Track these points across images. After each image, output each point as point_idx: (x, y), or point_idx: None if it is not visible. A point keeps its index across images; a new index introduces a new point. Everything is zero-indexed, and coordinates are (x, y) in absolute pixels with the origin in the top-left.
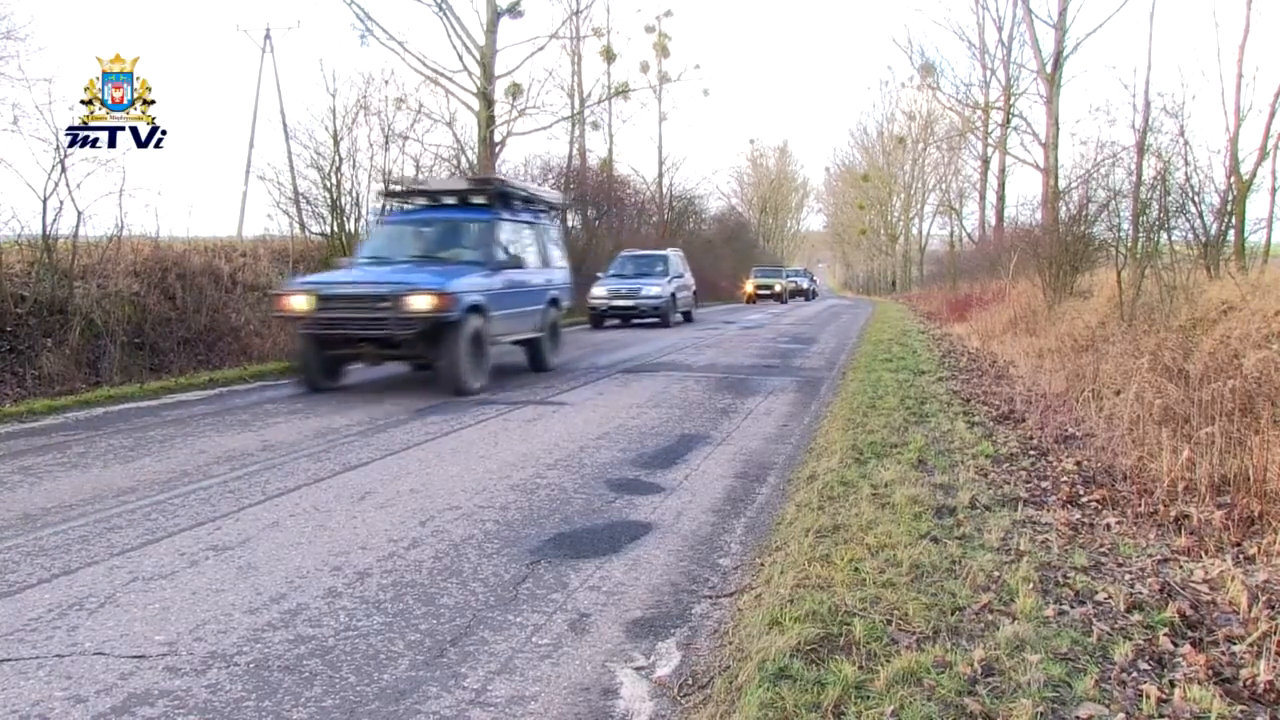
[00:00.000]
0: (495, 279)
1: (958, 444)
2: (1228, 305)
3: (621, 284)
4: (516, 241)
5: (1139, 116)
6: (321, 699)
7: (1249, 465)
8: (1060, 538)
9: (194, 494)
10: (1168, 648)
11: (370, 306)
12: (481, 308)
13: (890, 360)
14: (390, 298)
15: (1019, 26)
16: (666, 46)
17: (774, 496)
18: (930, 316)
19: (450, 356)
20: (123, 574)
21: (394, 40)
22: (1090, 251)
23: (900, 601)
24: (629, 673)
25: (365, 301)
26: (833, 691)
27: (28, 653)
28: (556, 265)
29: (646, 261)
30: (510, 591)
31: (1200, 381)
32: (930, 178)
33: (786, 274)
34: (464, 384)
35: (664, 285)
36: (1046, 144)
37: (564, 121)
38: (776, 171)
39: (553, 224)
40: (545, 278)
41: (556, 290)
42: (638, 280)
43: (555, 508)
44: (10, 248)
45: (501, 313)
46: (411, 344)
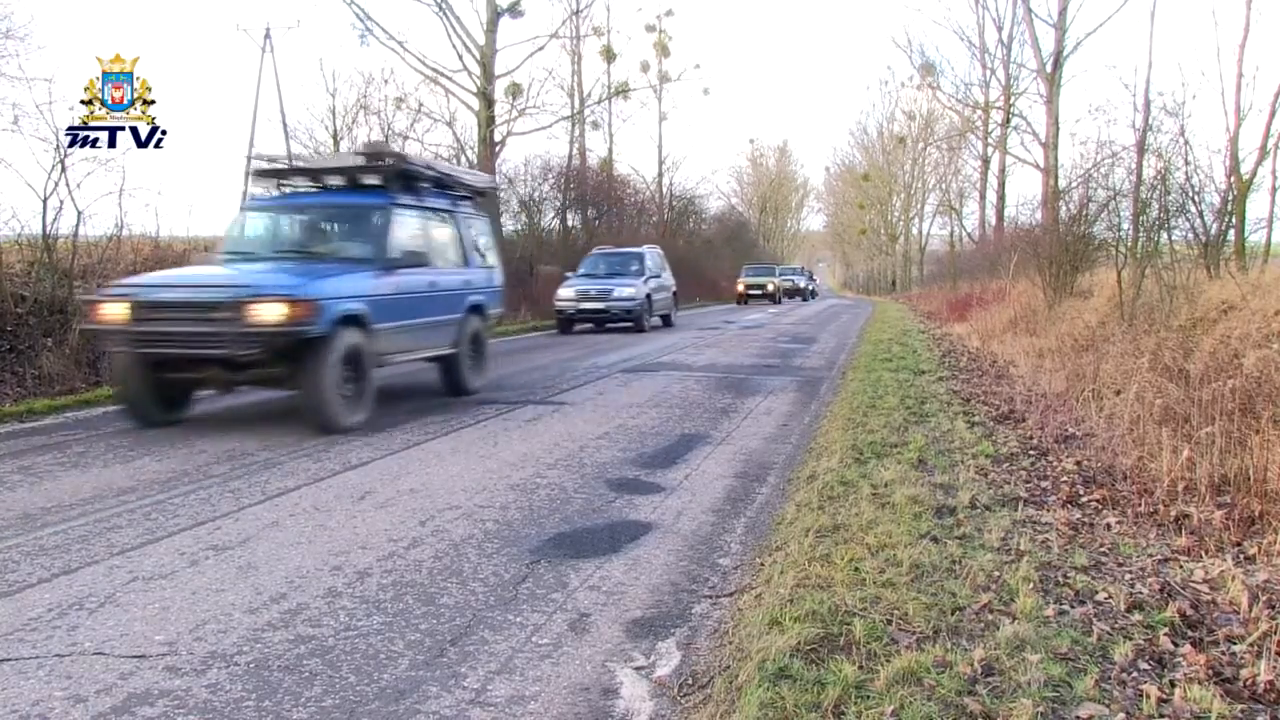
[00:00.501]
0: (386, 281)
1: (958, 444)
2: (1228, 305)
3: (591, 285)
4: (422, 234)
5: (1139, 116)
6: (321, 699)
7: (1249, 465)
8: (1060, 537)
9: (194, 493)
10: (1168, 647)
11: (202, 317)
12: (361, 318)
13: (890, 360)
14: (227, 306)
15: (1019, 26)
16: (667, 46)
17: (774, 496)
18: (930, 316)
19: (311, 383)
20: (123, 573)
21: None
22: (1090, 251)
23: (900, 601)
24: (629, 672)
25: (195, 311)
26: (833, 691)
27: (28, 652)
28: (481, 264)
29: (620, 260)
30: (510, 591)
31: (1200, 381)
32: (930, 177)
33: (781, 272)
34: (330, 418)
35: (638, 286)
36: (1046, 144)
37: (564, 121)
38: (776, 171)
39: (479, 214)
40: (464, 279)
41: (480, 295)
42: (610, 281)
43: (555, 507)
44: (10, 247)
45: (395, 324)
46: (264, 365)
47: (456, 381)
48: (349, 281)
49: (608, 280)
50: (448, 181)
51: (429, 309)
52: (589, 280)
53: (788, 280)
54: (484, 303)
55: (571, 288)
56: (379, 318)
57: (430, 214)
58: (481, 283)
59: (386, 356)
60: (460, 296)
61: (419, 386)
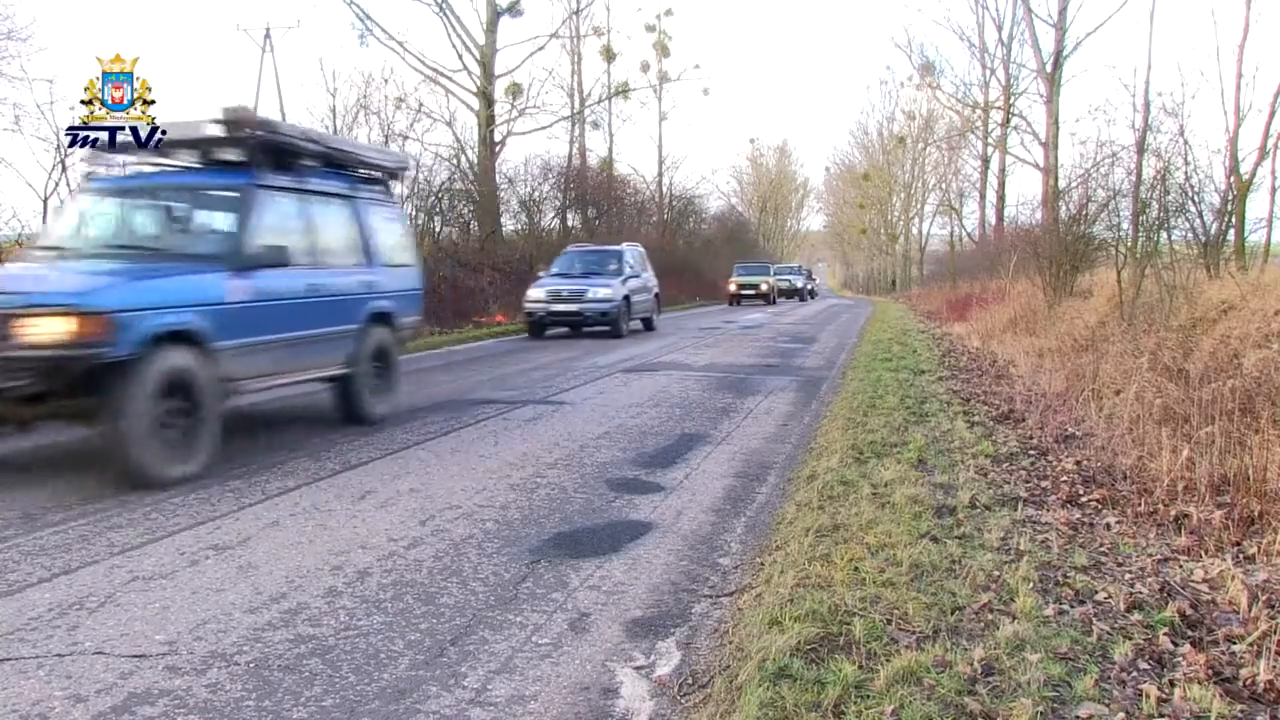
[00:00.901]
0: (240, 284)
1: (958, 443)
2: (1227, 305)
3: (564, 285)
4: (300, 224)
5: (1139, 116)
6: (321, 698)
7: (1249, 465)
8: (1060, 537)
9: (193, 493)
10: (1168, 647)
11: None
12: (193, 335)
13: (890, 360)
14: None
15: (1019, 26)
16: (666, 46)
17: (774, 496)
18: (930, 316)
19: (110, 422)
20: (123, 573)
21: (394, 40)
22: (1090, 251)
23: (900, 601)
24: (629, 672)
25: None
26: (833, 691)
27: (28, 652)
28: (388, 262)
29: (597, 258)
30: (510, 591)
31: (1200, 381)
32: (930, 177)
33: (777, 271)
34: (139, 468)
35: (616, 286)
36: (1046, 143)
37: (564, 121)
38: (776, 171)
39: (388, 202)
40: (365, 281)
41: (387, 300)
42: (584, 281)
43: (555, 507)
44: (10, 247)
45: (254, 341)
46: (61, 397)
47: (353, 407)
48: (177, 286)
49: (582, 280)
50: (341, 158)
51: (309, 319)
52: (562, 280)
53: (784, 280)
54: (392, 310)
55: (542, 288)
56: (227, 333)
57: (315, 199)
58: (389, 285)
59: (241, 383)
60: (357, 302)
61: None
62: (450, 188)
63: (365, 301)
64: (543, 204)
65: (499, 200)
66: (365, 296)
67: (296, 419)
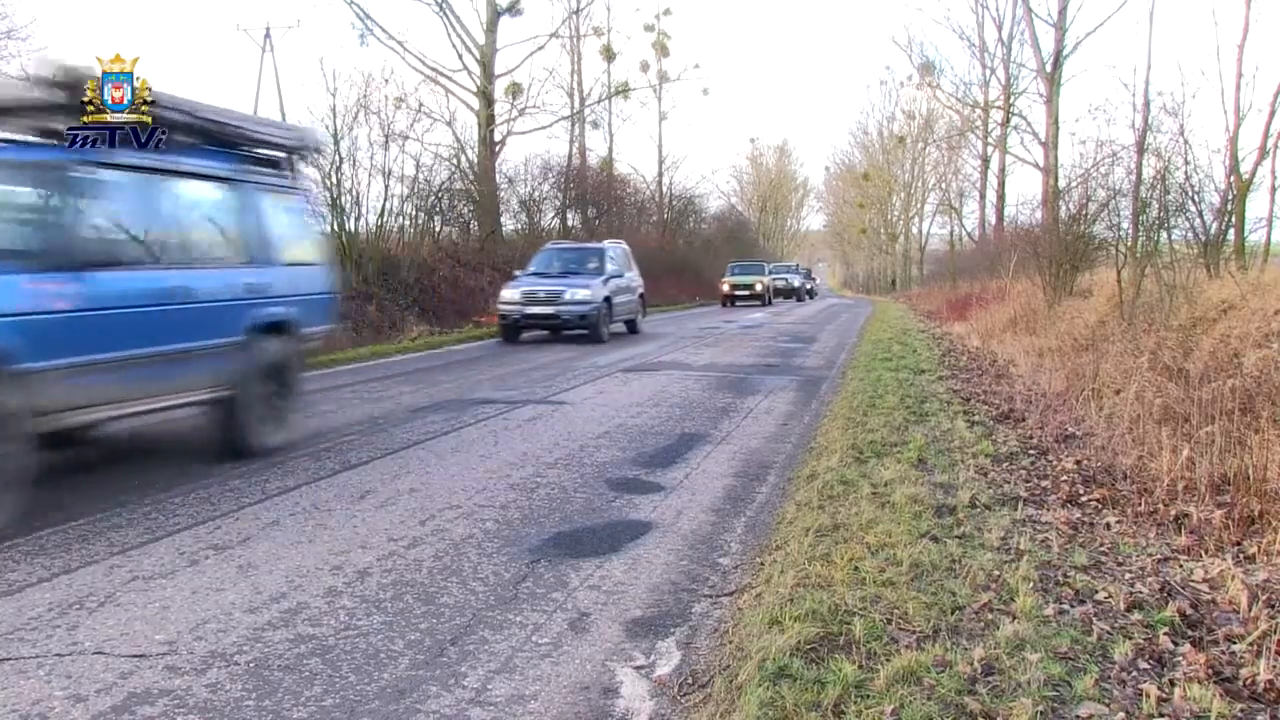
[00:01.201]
0: (58, 288)
1: (958, 443)
2: (1227, 304)
3: (540, 285)
4: (157, 211)
5: (1139, 115)
6: (321, 698)
7: (1249, 464)
8: (1060, 537)
9: (194, 493)
10: (1168, 647)
11: None
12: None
13: (890, 359)
14: None
15: (1019, 25)
16: (666, 45)
17: (774, 495)
18: (930, 316)
19: None
20: (123, 573)
21: (394, 40)
22: (1090, 251)
23: (900, 600)
24: (629, 672)
25: None
26: (833, 690)
27: (28, 652)
28: (287, 260)
29: (577, 256)
30: (510, 590)
31: (1200, 381)
32: (930, 177)
33: (773, 270)
34: None
35: (595, 287)
36: (1046, 143)
37: (564, 121)
38: (776, 170)
39: (289, 187)
40: (250, 283)
41: (284, 305)
42: (563, 281)
43: (555, 507)
44: None
45: (80, 360)
46: None
47: (235, 436)
48: None
49: (560, 280)
50: (219, 131)
51: (166, 331)
52: (538, 280)
53: (780, 279)
54: (289, 317)
55: (517, 289)
56: (38, 351)
57: (183, 182)
58: (287, 288)
59: (64, 415)
60: (238, 309)
61: (425, 386)
62: (450, 187)
63: (250, 308)
64: (543, 204)
65: (499, 200)
66: (250, 302)
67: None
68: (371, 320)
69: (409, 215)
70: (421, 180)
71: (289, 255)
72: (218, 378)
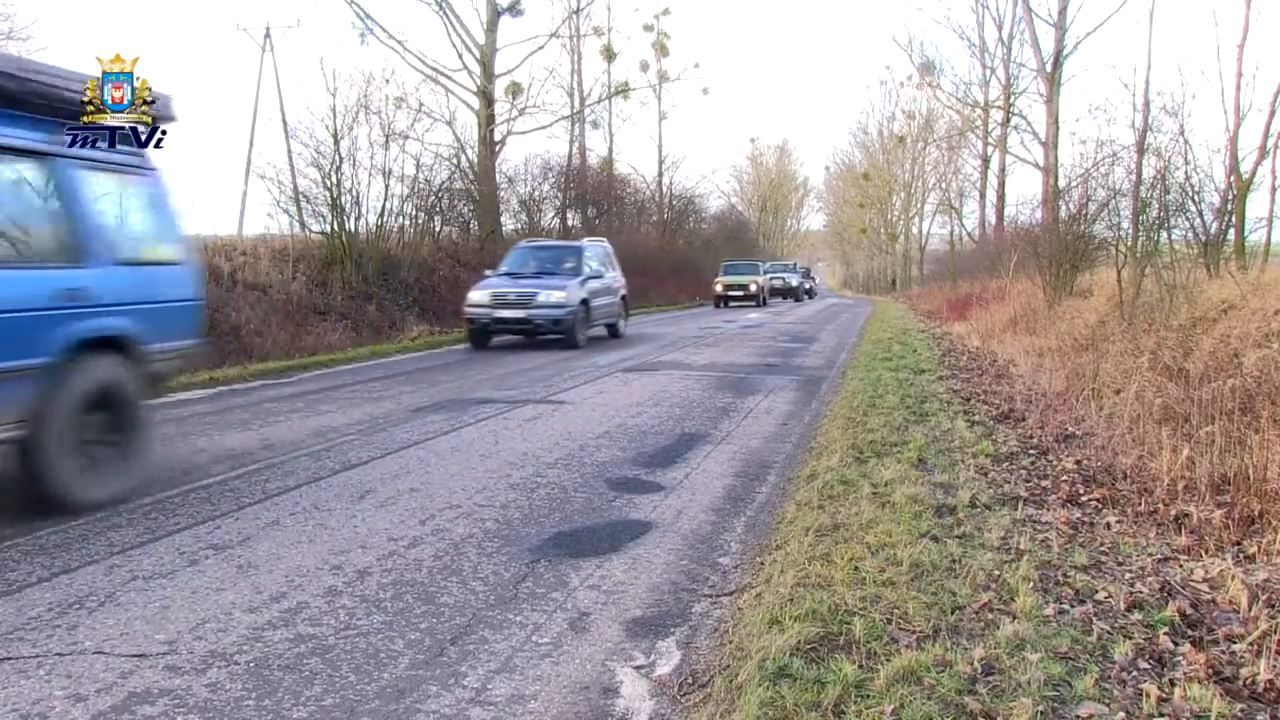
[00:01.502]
0: None
1: (958, 443)
2: (1227, 304)
3: (511, 286)
4: None
5: (1139, 115)
6: (321, 698)
7: (1249, 464)
8: (1060, 537)
9: (193, 492)
10: (1168, 647)
11: None
12: None
13: (890, 359)
14: None
15: (1019, 25)
16: (665, 45)
17: (774, 495)
18: (930, 315)
19: None
20: (123, 573)
21: (394, 39)
22: (1090, 250)
23: (900, 600)
24: (629, 671)
25: None
26: (833, 690)
27: (28, 651)
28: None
29: (552, 255)
30: (510, 590)
31: (1200, 380)
32: (930, 177)
33: (771, 269)
34: None
35: (571, 289)
36: (1046, 143)
37: (564, 120)
38: (776, 170)
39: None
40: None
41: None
42: (536, 282)
43: (555, 506)
44: None
45: None
46: None
47: (44, 485)
48: None
49: (534, 281)
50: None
51: None
52: (510, 281)
53: (777, 278)
54: (127, 331)
55: (486, 290)
56: None
57: None
58: (123, 293)
59: None
60: (49, 321)
61: (424, 386)
62: (450, 187)
63: (67, 320)
64: (543, 203)
65: (499, 200)
66: (68, 312)
67: None
68: (371, 320)
69: (409, 215)
70: (421, 180)
71: (131, 253)
72: (12, 411)
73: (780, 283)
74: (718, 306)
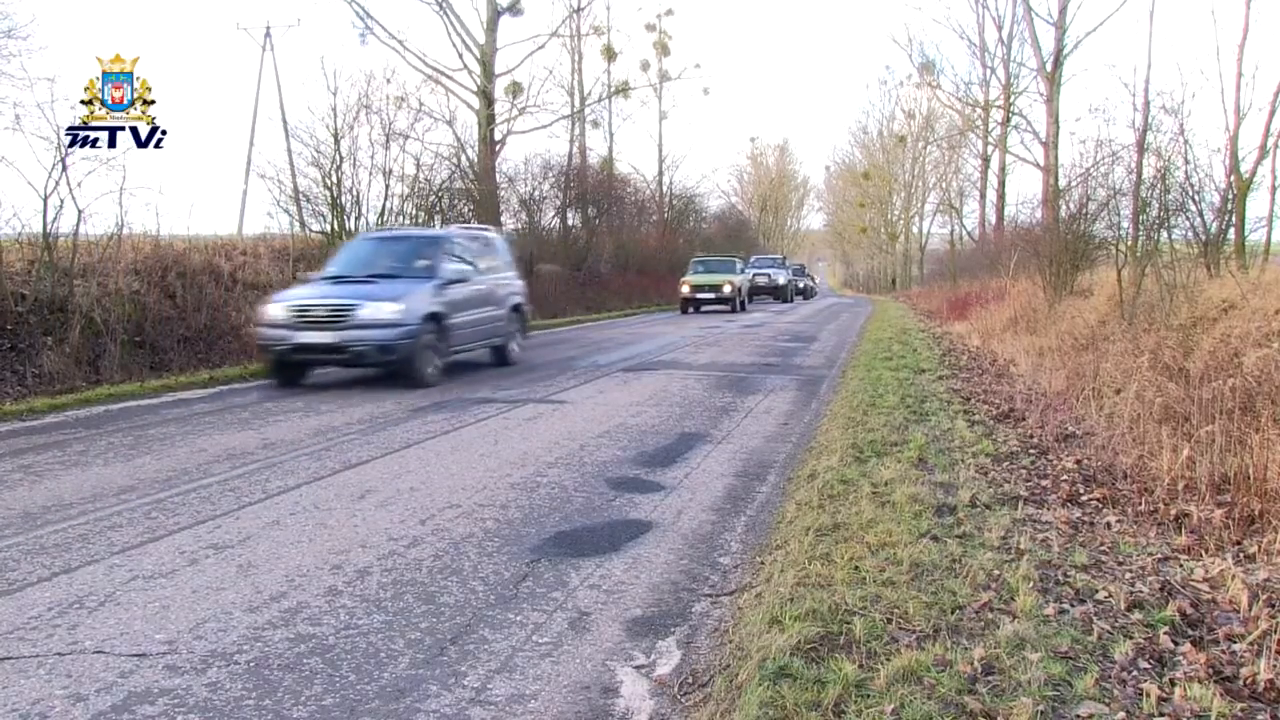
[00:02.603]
0: None
1: (958, 442)
2: (1228, 304)
3: (321, 298)
4: None
5: (1139, 115)
6: (321, 697)
7: (1249, 464)
8: (1060, 536)
9: (194, 492)
10: (1168, 646)
11: None
12: None
13: (890, 359)
14: None
15: (1019, 25)
16: (667, 45)
17: (774, 495)
18: (930, 315)
19: None
20: (123, 572)
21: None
22: (1090, 250)
23: (900, 600)
24: (629, 671)
25: None
26: (833, 690)
27: (28, 651)
28: None
29: (401, 249)
30: (510, 590)
31: (1200, 380)
32: (930, 176)
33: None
34: None
35: (413, 299)
36: (1046, 142)
37: (564, 120)
38: (776, 170)
39: None
40: None
41: None
42: (360, 290)
43: (555, 506)
44: (11, 246)
45: None
46: None
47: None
48: None
49: (357, 289)
50: None
51: None
52: (324, 289)
53: (761, 274)
54: None
55: (284, 303)
56: None
57: None
58: None
59: None
60: None
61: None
62: (450, 186)
63: None
64: (543, 203)
65: (499, 199)
66: None
67: None
68: None
69: (409, 215)
70: (422, 179)
71: None
72: None
73: (765, 280)
74: (684, 312)
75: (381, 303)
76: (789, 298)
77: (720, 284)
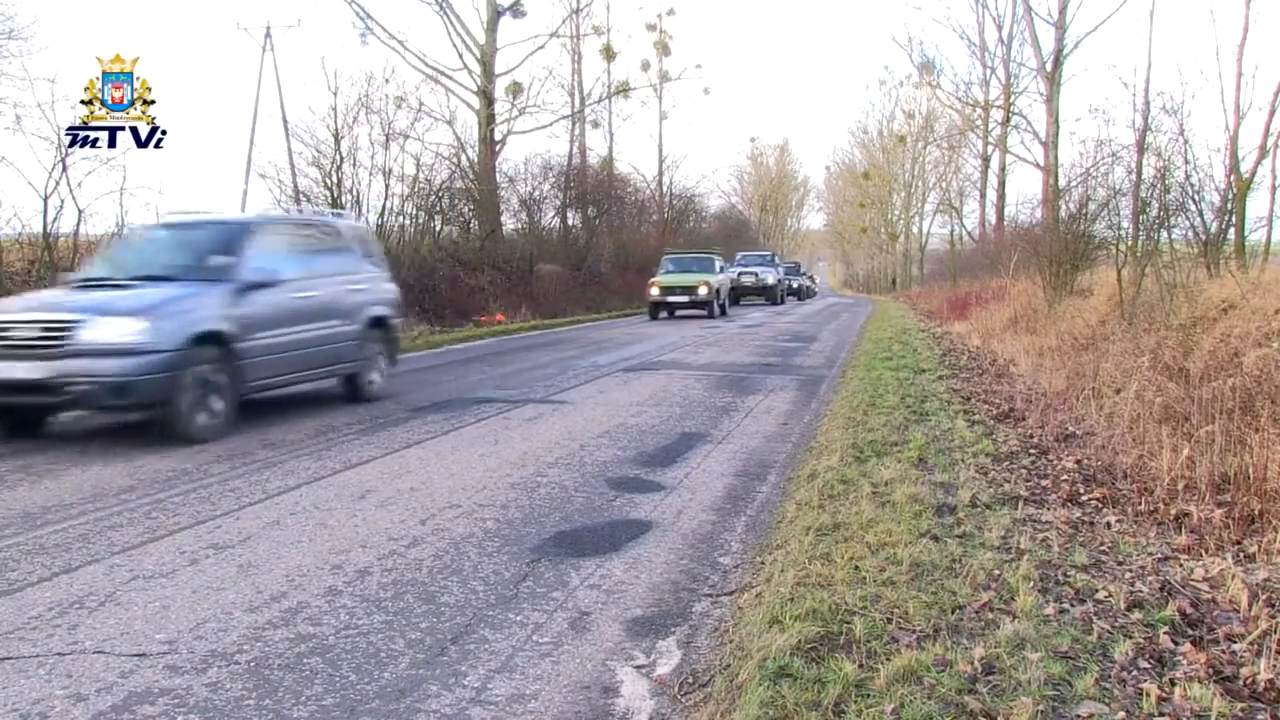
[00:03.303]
0: None
1: (958, 442)
2: (1228, 303)
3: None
4: None
5: (1139, 115)
6: (322, 697)
7: (1249, 463)
8: (1060, 536)
9: (194, 492)
10: (1168, 646)
11: None
12: None
13: (890, 359)
14: None
15: (1019, 25)
16: (667, 45)
17: (774, 495)
18: (930, 315)
19: None
20: (123, 572)
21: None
22: (1090, 250)
23: (900, 600)
24: (629, 671)
25: None
26: (833, 690)
27: (28, 651)
28: None
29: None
30: (511, 590)
31: (1200, 380)
32: (930, 176)
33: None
34: None
35: (170, 313)
36: (1046, 142)
37: (564, 120)
38: (777, 170)
39: None
40: None
41: None
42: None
43: (556, 506)
44: (11, 246)
45: None
46: None
47: None
48: None
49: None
50: None
51: None
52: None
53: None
54: None
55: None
56: None
57: None
58: None
59: None
60: None
61: (427, 387)
62: (450, 186)
63: None
64: (543, 203)
65: (499, 199)
66: None
67: None
68: None
69: (409, 214)
70: (422, 179)
71: None
72: None
73: (752, 280)
74: (654, 317)
75: (116, 318)
76: (780, 299)
77: (694, 285)
